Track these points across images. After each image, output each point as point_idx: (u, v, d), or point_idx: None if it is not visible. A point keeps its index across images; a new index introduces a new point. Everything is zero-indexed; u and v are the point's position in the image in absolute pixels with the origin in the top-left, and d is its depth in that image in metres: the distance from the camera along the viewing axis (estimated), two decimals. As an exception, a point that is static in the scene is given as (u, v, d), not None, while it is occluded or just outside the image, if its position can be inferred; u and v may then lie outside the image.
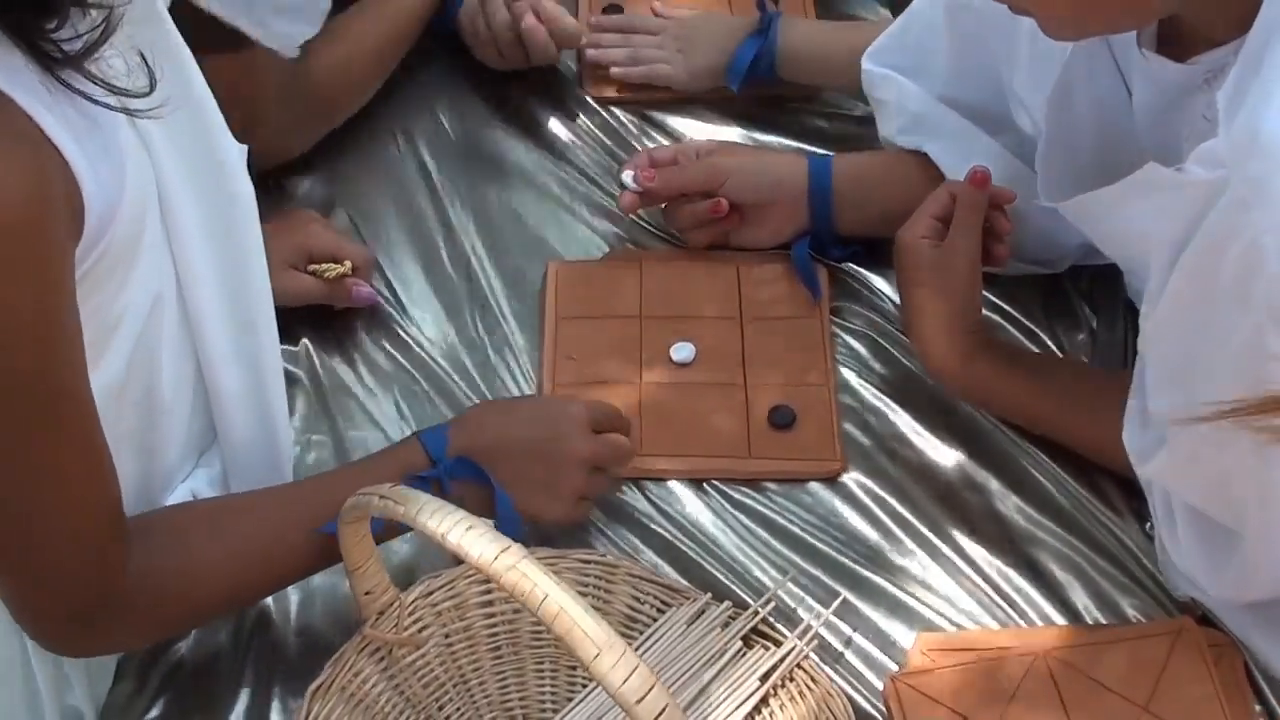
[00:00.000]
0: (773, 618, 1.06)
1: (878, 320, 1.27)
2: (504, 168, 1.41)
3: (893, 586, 1.11)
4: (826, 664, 1.06)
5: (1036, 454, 1.18)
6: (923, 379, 1.22)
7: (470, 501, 1.01)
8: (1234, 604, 1.04)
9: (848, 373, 1.24)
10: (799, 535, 1.14)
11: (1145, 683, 1.02)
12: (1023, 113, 1.19)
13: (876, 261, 1.30)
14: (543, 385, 1.23)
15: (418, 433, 1.07)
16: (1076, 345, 1.26)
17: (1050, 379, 1.18)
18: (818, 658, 1.05)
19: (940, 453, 1.19)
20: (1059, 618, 1.09)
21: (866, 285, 1.30)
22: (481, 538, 0.76)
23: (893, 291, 1.28)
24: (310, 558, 1.01)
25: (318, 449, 1.21)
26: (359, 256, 1.27)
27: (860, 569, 1.12)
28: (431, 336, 1.28)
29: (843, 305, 1.29)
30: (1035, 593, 1.11)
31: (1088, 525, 1.14)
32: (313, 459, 1.20)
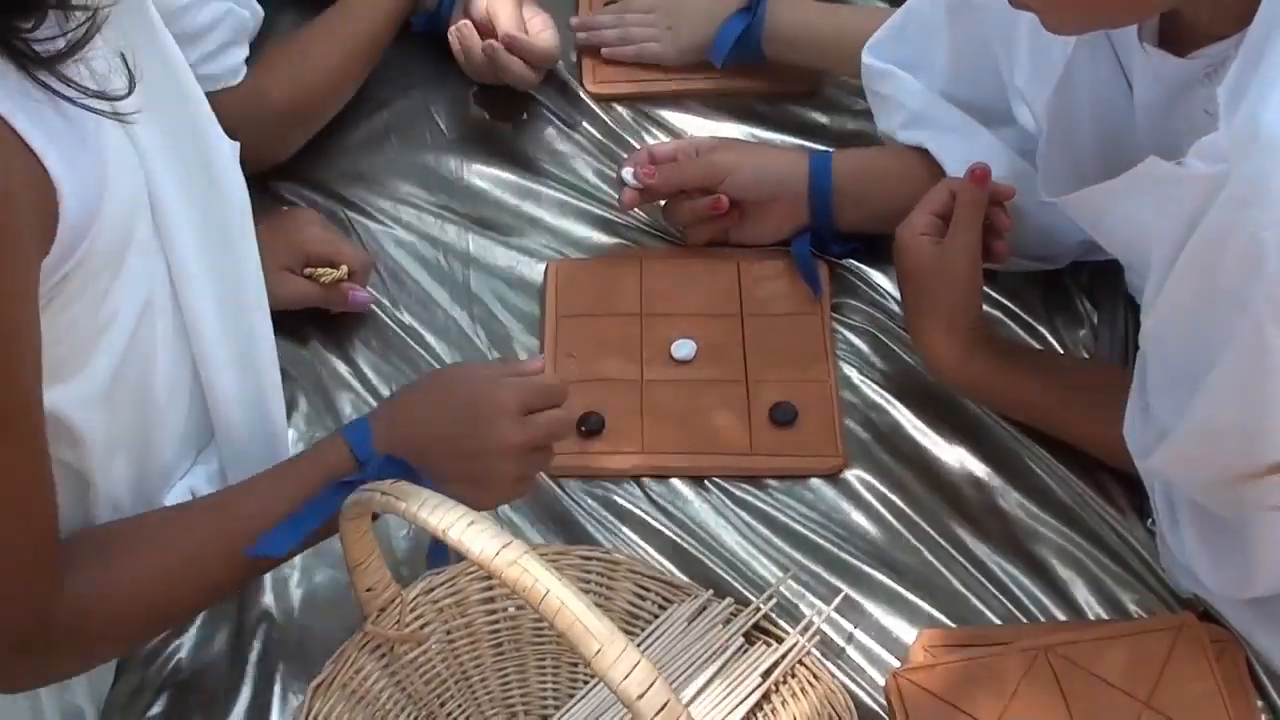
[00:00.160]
0: (774, 614, 1.06)
1: (879, 316, 1.27)
2: (503, 164, 1.40)
3: (894, 582, 1.11)
4: (828, 660, 1.06)
5: (1038, 450, 1.18)
6: (924, 375, 1.22)
7: None
8: (1236, 600, 1.04)
9: (849, 369, 1.24)
10: (800, 532, 1.14)
11: (1147, 678, 1.02)
12: (1023, 108, 1.18)
13: (877, 258, 1.30)
14: (544, 383, 1.23)
15: (342, 429, 1.02)
16: (1077, 341, 1.26)
17: (1051, 375, 1.18)
18: (819, 654, 1.05)
19: (942, 449, 1.19)
20: (1061, 613, 1.09)
21: (867, 282, 1.30)
22: (483, 533, 0.76)
23: (893, 288, 1.28)
24: (238, 570, 0.98)
25: (319, 447, 1.20)
26: (356, 260, 1.26)
27: (862, 565, 1.12)
28: (431, 335, 1.28)
29: (843, 302, 1.29)
30: (1037, 588, 1.11)
31: (1089, 521, 1.14)
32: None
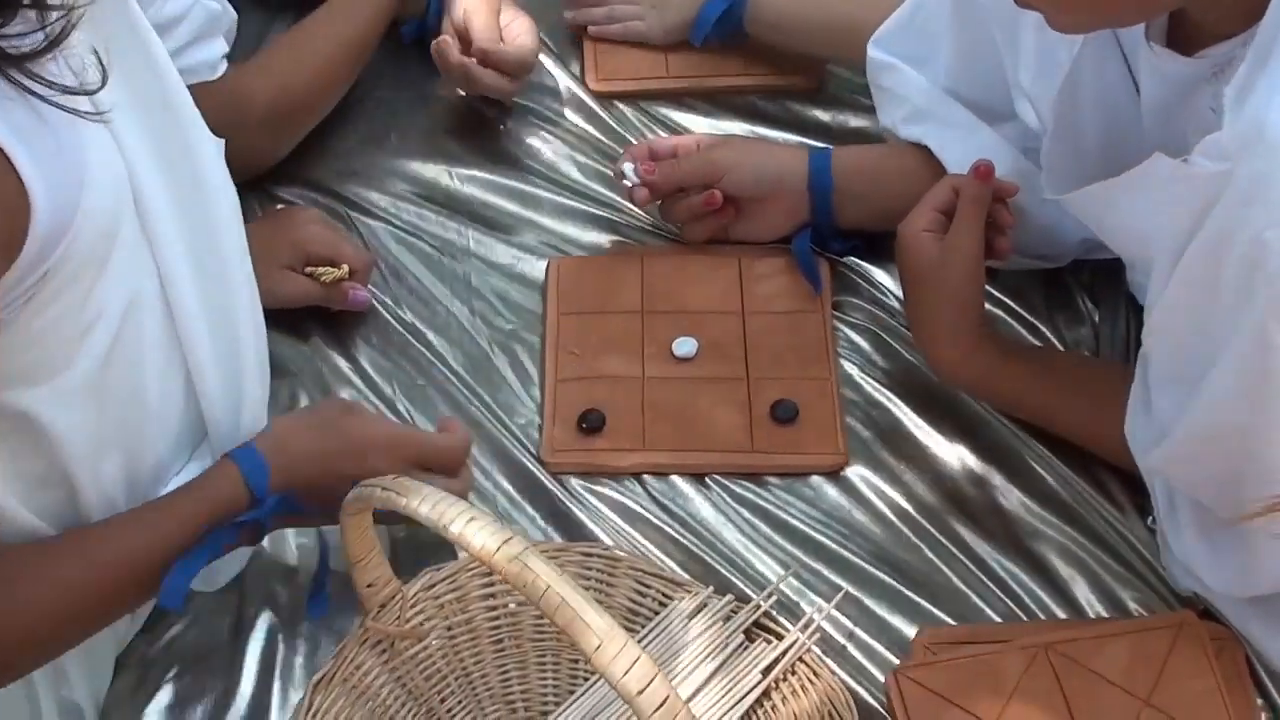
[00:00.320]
0: (775, 611, 1.06)
1: (879, 314, 1.27)
2: (504, 162, 1.41)
3: (895, 580, 1.11)
4: (829, 657, 1.06)
5: (1039, 448, 1.18)
6: (925, 373, 1.22)
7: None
8: (1236, 598, 1.04)
9: (850, 367, 1.24)
10: (801, 529, 1.14)
11: (1147, 676, 1.02)
12: (1026, 106, 1.18)
13: (878, 255, 1.30)
14: (544, 381, 1.23)
15: (235, 460, 1.01)
16: (1078, 339, 1.26)
17: (1052, 372, 1.18)
18: (820, 651, 1.05)
19: (942, 447, 1.19)
20: (1061, 611, 1.10)
21: (868, 279, 1.30)
22: (483, 529, 0.76)
23: (894, 285, 1.28)
24: (121, 600, 0.99)
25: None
26: (357, 259, 1.25)
27: (862, 563, 1.12)
28: (432, 332, 1.28)
29: (844, 299, 1.29)
30: (1037, 586, 1.11)
31: (1090, 519, 1.14)
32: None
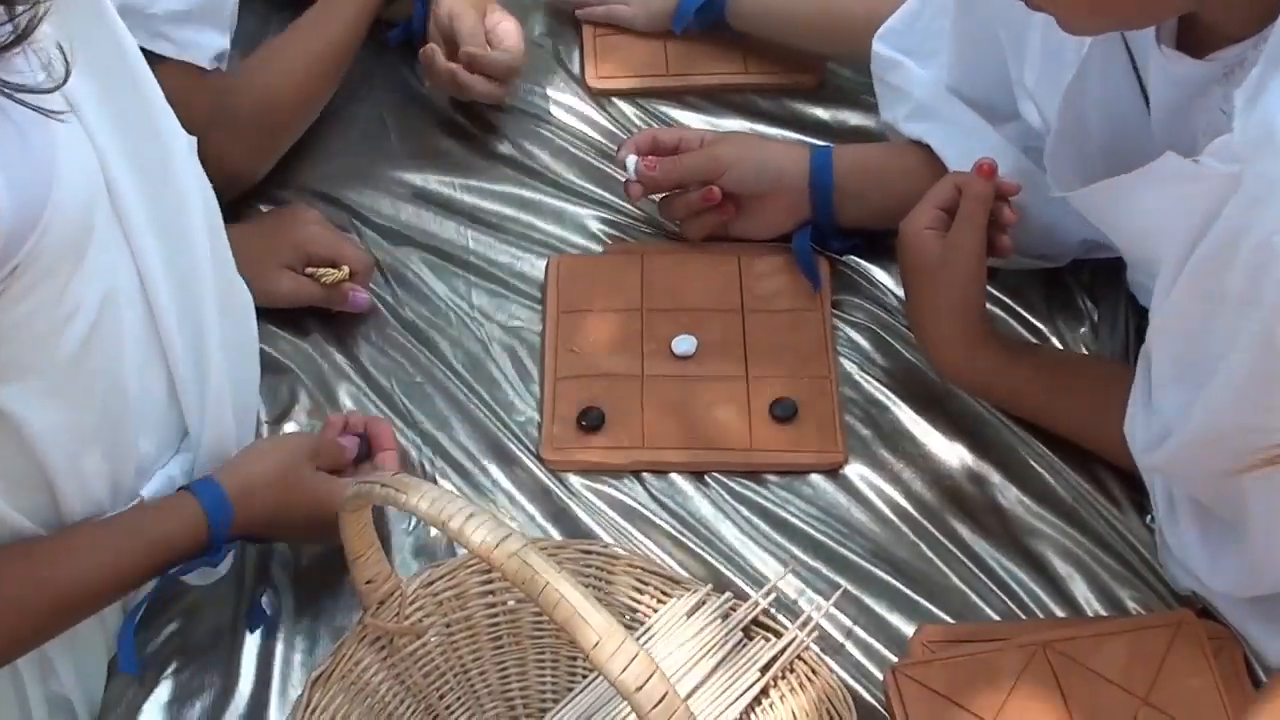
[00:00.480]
0: (773, 609, 1.07)
1: (879, 313, 1.27)
2: (504, 160, 1.41)
3: (893, 578, 1.11)
4: (827, 655, 1.06)
5: (1038, 446, 1.18)
6: (924, 372, 1.22)
7: None
8: (1234, 597, 1.04)
9: (849, 365, 1.24)
10: (800, 527, 1.14)
11: (1145, 675, 1.02)
12: (1030, 106, 1.17)
13: (877, 254, 1.31)
14: (544, 379, 1.23)
15: (197, 494, 1.02)
16: (1078, 338, 1.26)
17: (1052, 371, 1.18)
18: (818, 649, 1.05)
19: (941, 445, 1.19)
20: (1059, 610, 1.10)
21: (868, 278, 1.30)
22: (482, 526, 0.76)
23: (894, 284, 1.28)
24: (76, 611, 1.00)
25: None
26: (358, 260, 1.25)
27: (861, 561, 1.12)
28: (432, 330, 1.28)
29: (844, 298, 1.29)
30: (1035, 585, 1.11)
31: (1088, 518, 1.14)
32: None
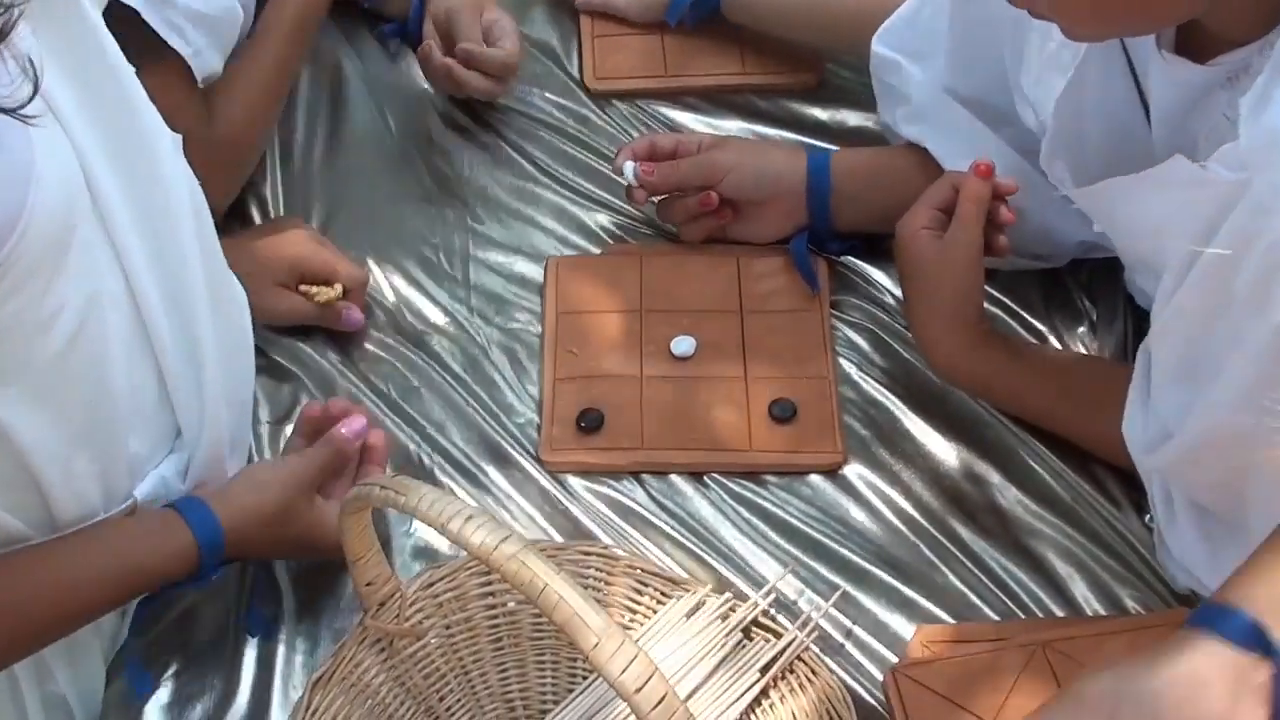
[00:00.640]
0: (773, 609, 1.07)
1: (878, 313, 1.27)
2: (503, 161, 1.41)
3: (893, 578, 1.11)
4: (827, 656, 1.06)
5: (1037, 446, 1.18)
6: (923, 372, 1.22)
7: None
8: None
9: (848, 365, 1.24)
10: (799, 528, 1.15)
11: (1145, 674, 1.02)
12: (1027, 108, 1.17)
13: (876, 255, 1.31)
14: (543, 380, 1.23)
15: (190, 524, 1.02)
16: (1076, 338, 1.26)
17: (1051, 371, 1.18)
18: (818, 649, 1.05)
19: (940, 445, 1.19)
20: (1059, 609, 1.10)
21: (866, 278, 1.30)
22: (482, 527, 0.76)
23: (892, 285, 1.28)
24: (60, 624, 1.00)
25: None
26: (352, 277, 1.24)
27: (860, 561, 1.12)
28: (430, 332, 1.28)
29: (842, 298, 1.29)
30: (1035, 584, 1.11)
31: (1087, 517, 1.14)
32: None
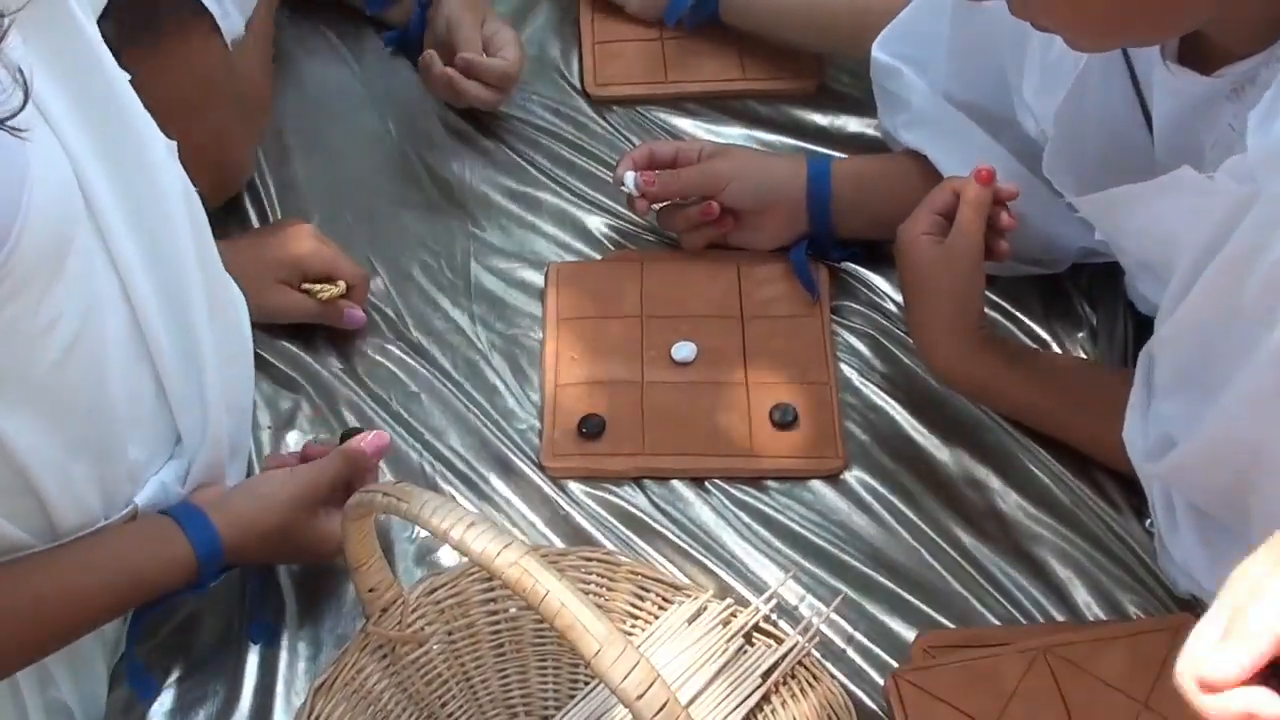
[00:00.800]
0: (774, 615, 1.07)
1: (878, 319, 1.27)
2: (503, 167, 1.41)
3: (894, 584, 1.11)
4: (828, 661, 1.06)
5: (1037, 451, 1.18)
6: (924, 377, 1.22)
7: None
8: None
9: (849, 371, 1.24)
10: (800, 533, 1.15)
11: (1145, 679, 1.02)
12: (1028, 116, 1.17)
13: (876, 261, 1.31)
14: (544, 386, 1.23)
15: (189, 536, 1.01)
16: (1076, 343, 1.26)
17: (1051, 377, 1.18)
18: (819, 655, 1.05)
19: (941, 450, 1.19)
20: (1059, 614, 1.10)
21: (867, 284, 1.30)
22: (484, 534, 0.76)
23: (893, 290, 1.28)
24: (60, 633, 1.00)
25: (323, 450, 1.21)
26: (354, 276, 1.25)
27: (861, 566, 1.13)
28: (432, 338, 1.28)
29: (843, 304, 1.29)
30: (1036, 590, 1.11)
31: (1088, 522, 1.14)
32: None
